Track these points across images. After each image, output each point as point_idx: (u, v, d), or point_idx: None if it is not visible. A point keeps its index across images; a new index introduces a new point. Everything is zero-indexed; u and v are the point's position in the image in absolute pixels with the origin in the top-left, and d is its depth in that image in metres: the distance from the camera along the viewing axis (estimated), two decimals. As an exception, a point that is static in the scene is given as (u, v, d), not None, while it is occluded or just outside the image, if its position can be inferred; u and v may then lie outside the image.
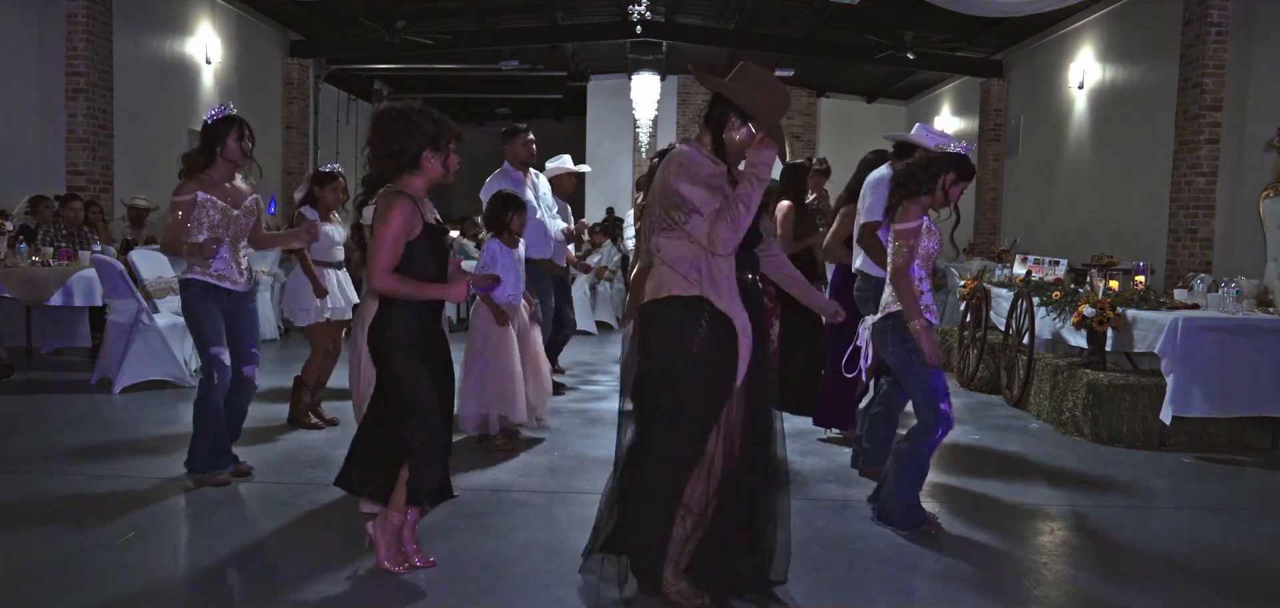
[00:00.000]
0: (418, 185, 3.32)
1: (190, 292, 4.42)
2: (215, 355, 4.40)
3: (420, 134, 3.27)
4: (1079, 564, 3.81)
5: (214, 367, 4.40)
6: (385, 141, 3.28)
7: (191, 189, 4.34)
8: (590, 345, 9.57)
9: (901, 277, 3.85)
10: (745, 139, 3.12)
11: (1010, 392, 6.89)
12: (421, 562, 3.48)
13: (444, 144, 3.31)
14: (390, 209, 3.20)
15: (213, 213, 4.37)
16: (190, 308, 4.44)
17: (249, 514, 4.10)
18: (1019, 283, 7.23)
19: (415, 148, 3.27)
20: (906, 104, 17.34)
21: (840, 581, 3.51)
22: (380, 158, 3.30)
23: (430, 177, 3.33)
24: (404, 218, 3.20)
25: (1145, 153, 9.47)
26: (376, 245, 3.21)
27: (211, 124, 4.41)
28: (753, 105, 3.08)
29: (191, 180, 4.37)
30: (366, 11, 11.98)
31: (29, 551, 3.58)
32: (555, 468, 4.94)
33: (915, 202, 3.91)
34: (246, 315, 4.60)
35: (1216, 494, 4.87)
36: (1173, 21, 8.85)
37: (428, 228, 3.28)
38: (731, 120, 3.12)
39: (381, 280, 3.21)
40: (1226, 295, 5.87)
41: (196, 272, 4.39)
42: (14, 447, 5.09)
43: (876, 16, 11.57)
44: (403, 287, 3.23)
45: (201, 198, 4.34)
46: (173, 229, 4.37)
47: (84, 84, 8.84)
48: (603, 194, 16.63)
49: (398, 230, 3.19)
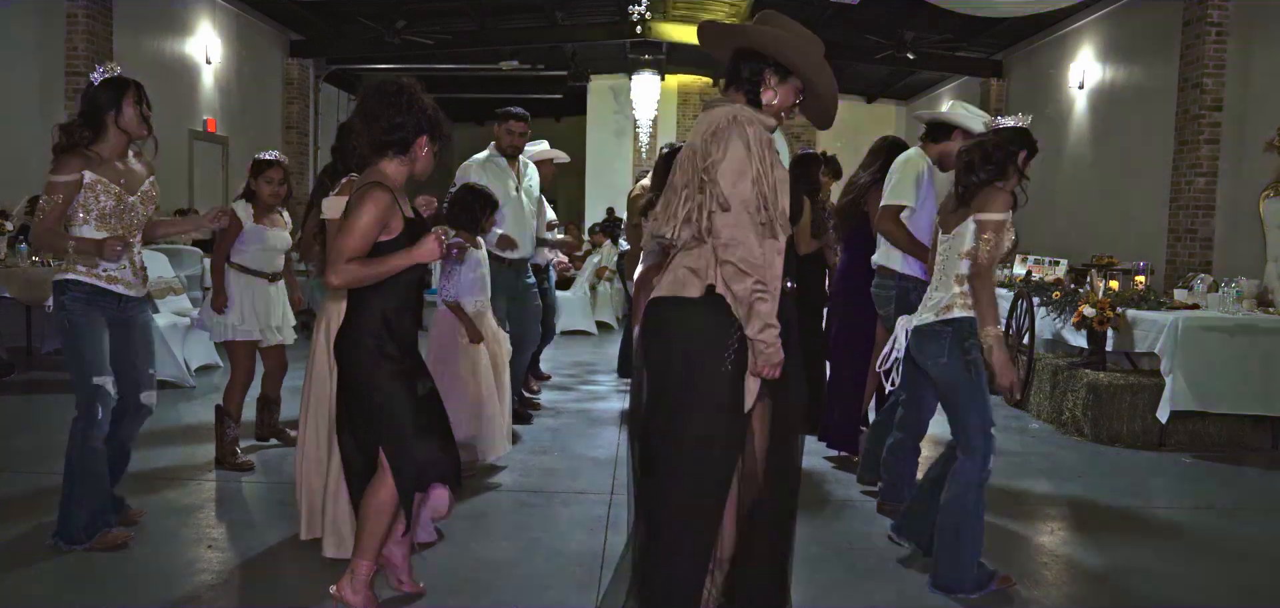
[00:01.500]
0: (399, 174, 2.94)
1: (69, 296, 3.44)
2: (98, 386, 3.44)
3: (421, 114, 2.93)
4: (1079, 564, 3.81)
5: (98, 401, 3.44)
6: (381, 115, 2.89)
7: (76, 168, 3.41)
8: (590, 345, 9.57)
9: (987, 276, 3.26)
10: (788, 98, 2.64)
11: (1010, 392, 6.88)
12: (410, 589, 3.21)
13: (439, 133, 3.00)
14: (366, 197, 2.83)
15: (104, 198, 3.45)
16: (69, 321, 3.44)
17: (248, 514, 4.10)
18: (1019, 283, 7.23)
19: (412, 128, 2.92)
20: (906, 104, 17.34)
21: (840, 581, 3.51)
22: (369, 133, 2.92)
23: (418, 166, 2.98)
24: (381, 209, 2.83)
25: (1145, 153, 9.46)
26: (343, 232, 2.83)
27: (98, 87, 3.52)
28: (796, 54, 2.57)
29: (75, 156, 3.43)
30: (366, 11, 11.98)
31: (29, 551, 3.58)
32: (555, 468, 4.94)
33: (999, 189, 3.32)
34: (139, 327, 3.66)
35: (1216, 494, 4.87)
36: (1173, 21, 8.84)
37: (408, 223, 2.92)
38: (767, 76, 2.61)
39: (341, 270, 2.80)
40: (1226, 295, 5.87)
41: (79, 271, 3.46)
42: (14, 447, 5.09)
43: (876, 16, 11.57)
44: (366, 270, 2.82)
45: (89, 179, 3.42)
46: (50, 217, 3.40)
47: (84, 84, 8.83)
48: (603, 194, 16.63)
49: (372, 221, 2.82)
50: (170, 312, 6.85)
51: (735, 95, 2.64)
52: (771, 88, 2.61)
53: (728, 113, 2.54)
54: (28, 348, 7.79)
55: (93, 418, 3.46)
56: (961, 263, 3.33)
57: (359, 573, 2.99)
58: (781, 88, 2.63)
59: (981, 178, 3.34)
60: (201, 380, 6.85)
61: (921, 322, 3.45)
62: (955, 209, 3.43)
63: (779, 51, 2.59)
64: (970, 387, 3.32)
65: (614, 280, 11.12)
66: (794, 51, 2.60)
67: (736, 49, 2.66)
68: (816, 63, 2.63)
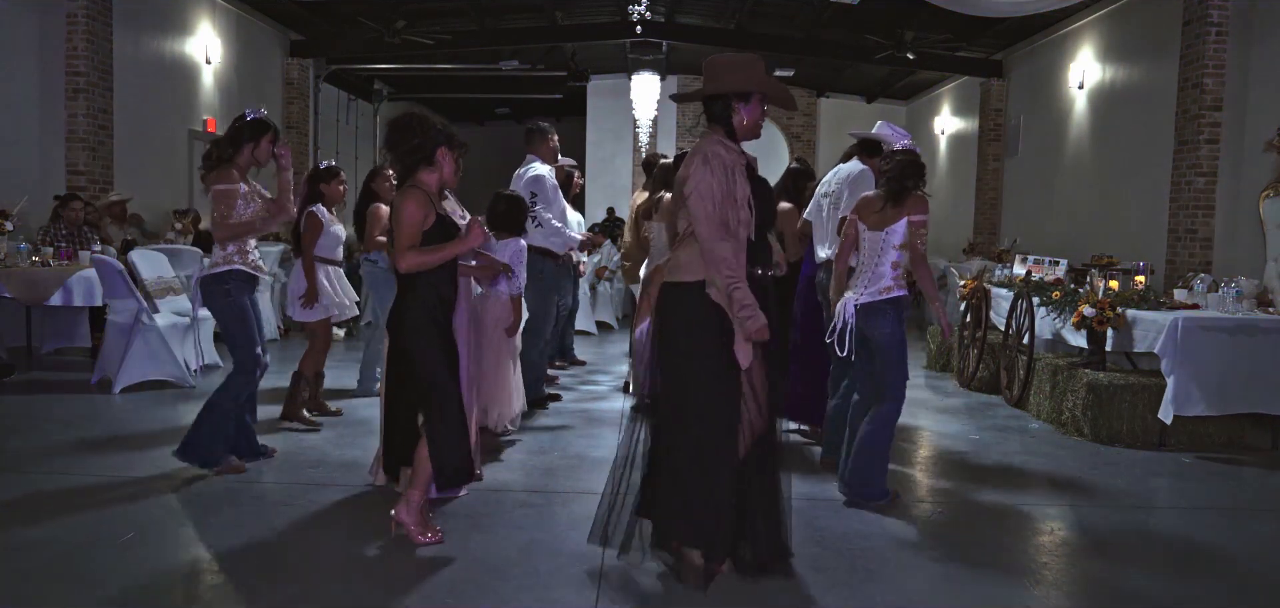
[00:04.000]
0: (432, 181, 3.67)
1: (233, 283, 4.42)
2: (259, 355, 4.48)
3: (435, 132, 3.66)
4: (1079, 564, 3.81)
5: (258, 366, 4.48)
6: (402, 142, 3.64)
7: (235, 179, 4.42)
8: (590, 345, 9.57)
9: (925, 261, 4.24)
10: (755, 114, 3.33)
11: (1010, 392, 6.89)
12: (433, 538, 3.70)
13: (454, 142, 3.72)
14: (406, 198, 3.57)
15: (254, 203, 4.51)
16: (236, 302, 4.43)
17: (249, 514, 4.09)
18: (1019, 283, 7.23)
19: (431, 144, 3.64)
20: (906, 104, 17.34)
21: (841, 581, 3.51)
22: (398, 158, 3.67)
23: (444, 173, 3.70)
24: (417, 205, 3.56)
25: (1145, 153, 9.46)
26: (397, 232, 3.58)
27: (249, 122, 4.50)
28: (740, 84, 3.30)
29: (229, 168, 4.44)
30: (366, 11, 11.98)
31: (29, 551, 3.58)
32: (555, 468, 4.94)
33: (922, 195, 4.22)
34: (256, 303, 4.67)
35: (1216, 494, 4.88)
36: (1173, 21, 8.84)
37: (440, 219, 3.61)
38: (733, 106, 3.31)
39: (405, 260, 3.55)
40: (1226, 295, 5.87)
41: (236, 262, 4.41)
42: (14, 447, 5.09)
43: (876, 16, 11.57)
44: (425, 256, 3.57)
45: (244, 189, 4.45)
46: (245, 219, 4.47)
47: (84, 84, 8.84)
48: (603, 194, 16.64)
49: (414, 215, 3.55)
50: (170, 312, 6.85)
51: (714, 128, 3.34)
52: (739, 112, 3.32)
53: (702, 147, 3.29)
54: (28, 348, 7.79)
55: (253, 378, 4.49)
56: (894, 253, 4.20)
57: (413, 500, 3.68)
58: (746, 109, 3.32)
59: (911, 186, 4.18)
60: (201, 381, 6.86)
61: (864, 301, 4.26)
62: (883, 209, 4.22)
63: (733, 86, 3.30)
64: (902, 348, 4.24)
65: (614, 281, 11.13)
66: (743, 80, 3.30)
67: (705, 97, 3.36)
68: (762, 77, 3.34)
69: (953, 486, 4.81)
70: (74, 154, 8.93)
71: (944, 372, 8.16)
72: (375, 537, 3.78)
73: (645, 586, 3.39)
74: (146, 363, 6.53)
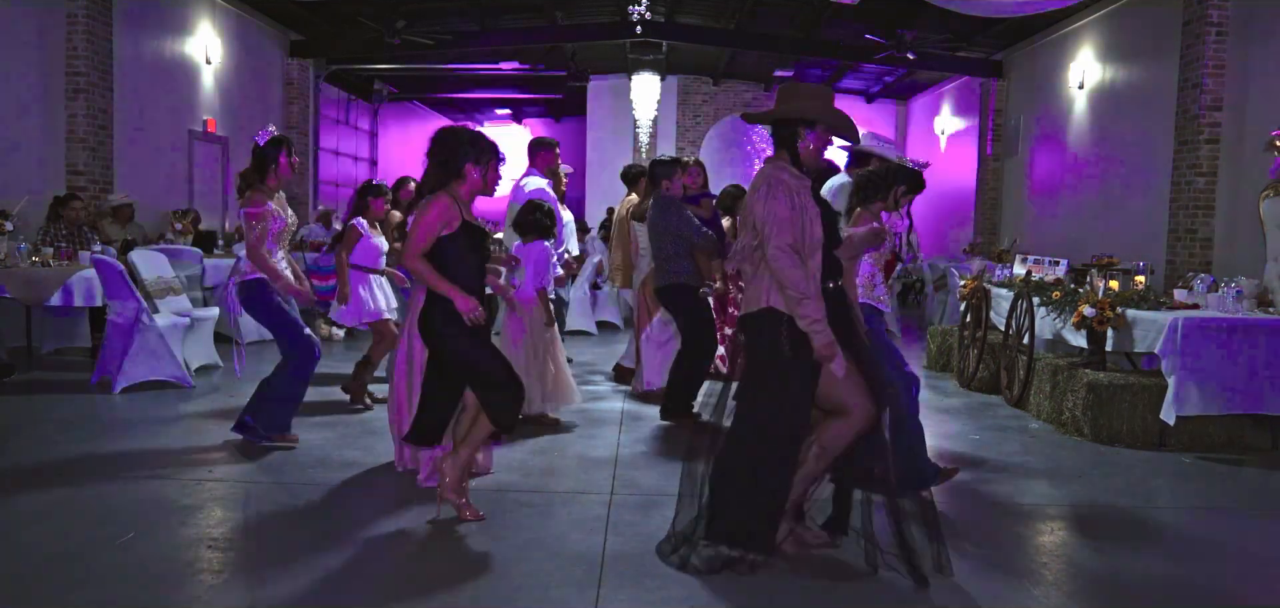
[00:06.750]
0: (461, 191, 3.93)
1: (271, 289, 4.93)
2: (310, 335, 5.03)
3: (463, 147, 3.93)
4: (1079, 564, 3.81)
5: (315, 347, 5.01)
6: (433, 157, 3.94)
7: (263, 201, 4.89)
8: (591, 345, 9.57)
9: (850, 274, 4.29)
10: (820, 142, 3.52)
11: (1010, 392, 6.89)
12: (472, 515, 3.95)
13: (483, 158, 3.94)
14: (430, 205, 3.85)
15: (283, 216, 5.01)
16: (271, 301, 4.94)
17: (250, 514, 4.10)
18: (1019, 283, 7.23)
19: (460, 159, 3.90)
20: (906, 104, 17.35)
21: (841, 580, 3.51)
22: (433, 171, 3.93)
23: (472, 185, 3.94)
24: (440, 211, 3.82)
25: (1145, 153, 9.47)
26: (412, 233, 3.83)
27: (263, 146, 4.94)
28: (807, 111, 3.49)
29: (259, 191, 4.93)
30: (366, 11, 11.99)
31: (29, 551, 3.58)
32: (555, 468, 4.94)
33: (868, 210, 4.29)
34: None
35: (1216, 494, 4.88)
36: (1172, 21, 8.85)
37: (465, 225, 3.87)
38: (801, 133, 3.49)
39: (412, 259, 3.81)
40: (1226, 295, 5.87)
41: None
42: (14, 447, 5.09)
43: (876, 16, 11.58)
44: (426, 272, 3.81)
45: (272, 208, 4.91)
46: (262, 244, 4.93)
47: (84, 84, 8.85)
48: (603, 194, 16.63)
49: (433, 220, 3.81)
50: (170, 312, 6.85)
51: (780, 154, 3.53)
52: (805, 139, 3.50)
53: (766, 175, 3.48)
54: (28, 348, 7.79)
55: (314, 360, 5.00)
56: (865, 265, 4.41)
57: (460, 458, 3.96)
58: (813, 135, 3.51)
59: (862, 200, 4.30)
60: (201, 381, 6.86)
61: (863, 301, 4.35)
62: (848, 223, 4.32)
63: (803, 114, 3.49)
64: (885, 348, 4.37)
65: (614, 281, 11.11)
66: (813, 110, 3.50)
67: (774, 121, 3.55)
68: (829, 109, 3.54)
69: (953, 485, 4.80)
70: (74, 154, 8.93)
71: (944, 372, 8.15)
72: (375, 538, 3.78)
73: (645, 584, 3.39)
74: (146, 363, 6.53)
